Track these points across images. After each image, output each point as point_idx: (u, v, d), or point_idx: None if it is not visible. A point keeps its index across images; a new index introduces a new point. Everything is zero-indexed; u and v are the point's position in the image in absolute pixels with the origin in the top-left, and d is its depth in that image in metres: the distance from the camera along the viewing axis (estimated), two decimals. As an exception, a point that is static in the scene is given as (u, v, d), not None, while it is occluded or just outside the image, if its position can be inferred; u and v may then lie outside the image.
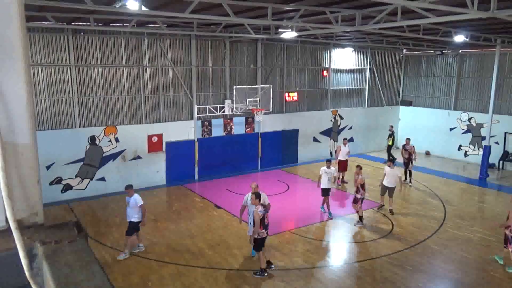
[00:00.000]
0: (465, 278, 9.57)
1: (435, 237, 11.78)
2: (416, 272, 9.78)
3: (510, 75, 19.97)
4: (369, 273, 9.64)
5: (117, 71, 15.42)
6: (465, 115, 21.80)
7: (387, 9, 9.90)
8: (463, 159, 21.78)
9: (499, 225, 10.62)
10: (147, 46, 15.84)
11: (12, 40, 1.83)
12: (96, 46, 14.83)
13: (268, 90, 18.13)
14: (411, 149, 17.28)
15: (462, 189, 16.98)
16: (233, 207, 13.39)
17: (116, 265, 9.89)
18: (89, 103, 14.99)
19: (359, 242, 11.47)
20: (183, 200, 14.95)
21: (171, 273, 9.55)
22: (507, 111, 20.03)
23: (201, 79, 17.37)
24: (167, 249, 10.78)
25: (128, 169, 15.88)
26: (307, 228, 12.39)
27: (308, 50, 20.55)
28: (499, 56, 17.88)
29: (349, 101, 22.85)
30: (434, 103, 23.46)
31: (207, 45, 17.28)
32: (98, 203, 14.41)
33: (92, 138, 15.04)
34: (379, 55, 23.48)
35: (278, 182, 17.36)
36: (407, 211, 14.01)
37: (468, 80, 21.97)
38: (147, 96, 16.18)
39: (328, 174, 13.20)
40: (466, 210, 14.22)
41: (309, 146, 21.18)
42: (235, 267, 9.91)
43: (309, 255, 10.56)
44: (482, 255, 10.71)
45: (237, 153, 18.61)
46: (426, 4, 7.79)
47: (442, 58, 22.93)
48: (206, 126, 17.71)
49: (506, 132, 19.88)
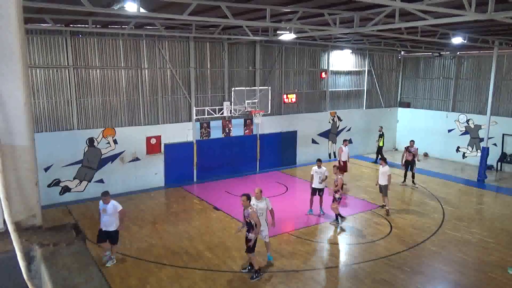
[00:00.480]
0: (464, 280, 9.57)
1: (434, 239, 11.79)
2: (414, 274, 9.77)
3: (507, 76, 20.03)
4: (368, 275, 9.63)
5: (116, 73, 15.41)
6: (463, 116, 21.85)
7: (385, 11, 9.92)
8: (462, 160, 21.81)
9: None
10: (145, 48, 15.85)
11: (10, 42, 1.83)
12: (94, 48, 14.83)
13: (267, 92, 18.14)
14: (415, 151, 17.31)
15: (461, 191, 17.00)
16: (232, 209, 13.39)
17: (114, 267, 9.87)
18: (87, 105, 14.98)
19: (358, 244, 11.47)
20: (182, 202, 14.94)
21: (170, 275, 9.53)
22: (505, 113, 20.08)
23: (199, 80, 17.37)
24: (165, 251, 10.76)
25: (127, 171, 15.86)
26: (306, 229, 12.38)
27: (306, 52, 20.58)
28: (497, 58, 17.94)
29: (348, 103, 22.88)
30: (432, 105, 23.51)
31: (205, 47, 17.29)
32: (96, 205, 14.27)
33: (91, 140, 15.02)
34: (377, 57, 23.54)
35: (277, 184, 17.36)
36: (405, 212, 14.02)
37: (466, 82, 22.03)
38: (146, 98, 16.17)
39: (318, 174, 13.22)
40: (465, 211, 14.24)
41: (308, 148, 21.19)
42: (234, 269, 9.89)
43: (308, 257, 10.55)
44: (480, 257, 10.72)
45: (235, 155, 18.60)
46: (423, 6, 7.81)
47: (440, 60, 23.00)
48: (204, 128, 17.70)
49: (504, 133, 19.93)
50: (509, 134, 19.82)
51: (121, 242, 10.50)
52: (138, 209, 14.02)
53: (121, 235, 10.59)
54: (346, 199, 15.21)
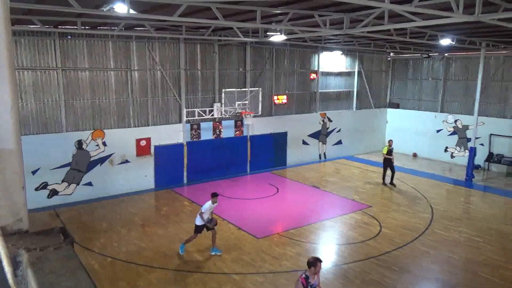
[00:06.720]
0: (453, 279, 9.67)
1: (423, 238, 11.90)
2: (404, 273, 9.85)
3: (494, 78, 20.33)
4: (358, 275, 9.68)
5: (105, 75, 15.28)
6: (452, 117, 22.11)
7: (374, 13, 10.02)
8: (450, 160, 22.07)
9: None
10: (135, 49, 15.74)
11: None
12: (83, 49, 14.69)
13: (257, 93, 18.15)
14: None
15: (449, 191, 17.20)
16: (222, 211, 13.35)
17: (103, 271, 9.77)
18: (76, 107, 14.83)
19: (347, 244, 11.52)
20: (172, 204, 14.86)
21: (160, 278, 9.47)
22: (492, 113, 20.37)
23: (190, 82, 17.32)
24: (155, 254, 10.68)
25: (116, 174, 15.72)
26: (296, 230, 12.40)
27: (297, 54, 20.65)
28: (484, 59, 18.23)
29: (338, 104, 23.01)
30: (421, 106, 23.76)
31: (196, 48, 17.25)
32: (85, 209, 14.24)
33: (79, 142, 14.86)
34: (367, 59, 23.71)
35: (267, 185, 17.36)
36: (395, 212, 14.14)
37: (454, 83, 22.31)
38: (135, 100, 16.06)
39: (210, 209, 10.80)
40: (453, 211, 14.40)
41: (298, 149, 21.25)
42: (224, 270, 9.87)
43: (298, 258, 10.57)
44: (469, 256, 10.85)
45: (226, 157, 18.57)
46: (412, 8, 7.89)
47: (428, 61, 23.26)
48: (195, 130, 17.64)
49: (491, 133, 20.22)
50: (496, 134, 20.11)
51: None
52: (128, 212, 13.92)
53: (110, 238, 10.51)
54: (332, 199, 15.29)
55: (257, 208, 14.13)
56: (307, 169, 20.34)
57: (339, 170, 20.13)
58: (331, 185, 17.43)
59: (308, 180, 18.13)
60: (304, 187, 17.31)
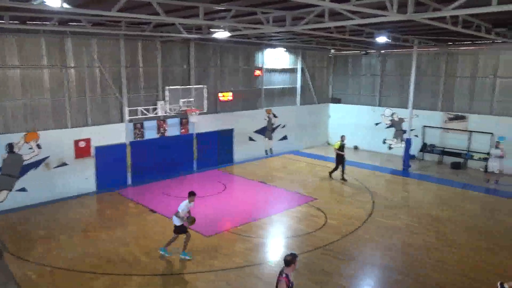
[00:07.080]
0: (393, 263, 10.24)
1: (365, 227, 12.48)
2: (349, 260, 10.29)
3: (426, 73, 21.75)
4: (306, 265, 9.93)
5: (38, 73, 14.31)
6: (389, 111, 23.36)
7: (315, 11, 10.30)
8: (388, 152, 23.34)
9: None
10: (71, 46, 14.90)
11: None
12: (12, 46, 13.64)
13: (202, 91, 17.94)
14: None
15: (388, 180, 18.18)
16: (169, 211, 13.06)
17: (42, 281, 9.19)
18: (5, 108, 13.75)
19: (295, 237, 11.79)
20: (116, 206, 14.29)
21: (105, 284, 9.08)
22: (424, 106, 21.78)
23: (131, 80, 16.72)
24: (99, 260, 10.23)
25: (53, 178, 14.82)
26: (245, 226, 12.46)
27: (241, 51, 20.69)
28: (416, 56, 19.46)
29: (282, 100, 23.40)
30: (361, 100, 24.85)
31: (137, 44, 16.68)
32: (18, 216, 13.28)
33: (10, 145, 13.81)
34: (309, 55, 24.32)
35: (215, 182, 17.28)
36: (339, 203, 14.68)
37: (390, 78, 23.56)
38: (73, 99, 15.22)
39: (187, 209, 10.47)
40: (392, 199, 15.24)
41: (245, 145, 21.35)
42: (171, 272, 9.69)
43: (248, 253, 10.64)
44: (407, 240, 11.55)
45: (172, 155, 18.21)
46: (350, 7, 8.22)
47: (366, 58, 24.35)
48: (138, 129, 17.08)
49: (424, 125, 21.67)
50: (428, 126, 21.58)
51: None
52: (67, 218, 13.18)
53: (48, 245, 9.90)
54: (283, 195, 15.59)
55: (205, 206, 14.00)
56: (254, 165, 20.52)
57: (286, 165, 20.52)
58: (278, 180, 17.72)
59: (255, 176, 18.29)
60: (252, 183, 17.43)
